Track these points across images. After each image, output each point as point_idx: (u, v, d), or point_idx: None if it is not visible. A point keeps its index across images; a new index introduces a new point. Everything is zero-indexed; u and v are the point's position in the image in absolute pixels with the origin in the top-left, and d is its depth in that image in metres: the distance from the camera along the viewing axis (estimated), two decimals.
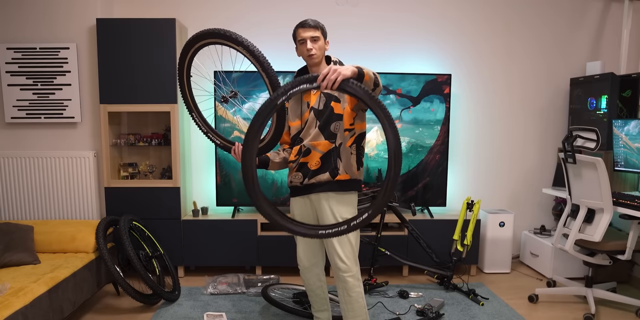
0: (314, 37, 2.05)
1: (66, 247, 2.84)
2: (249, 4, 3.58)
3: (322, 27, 2.09)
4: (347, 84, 1.76)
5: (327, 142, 2.09)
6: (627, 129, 3.02)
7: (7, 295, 2.08)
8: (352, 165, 2.13)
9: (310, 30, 2.05)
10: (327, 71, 1.73)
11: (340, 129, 2.09)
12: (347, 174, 2.12)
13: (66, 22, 3.30)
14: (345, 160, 2.11)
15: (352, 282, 2.14)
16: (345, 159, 2.11)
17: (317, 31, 2.06)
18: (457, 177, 3.82)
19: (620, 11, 3.71)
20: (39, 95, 3.32)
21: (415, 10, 3.65)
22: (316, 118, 2.11)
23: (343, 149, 2.11)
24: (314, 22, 2.07)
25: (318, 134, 2.10)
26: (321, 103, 2.11)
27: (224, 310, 2.85)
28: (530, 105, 3.80)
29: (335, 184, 2.12)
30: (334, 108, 2.09)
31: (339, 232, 1.84)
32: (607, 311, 2.88)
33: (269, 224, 3.52)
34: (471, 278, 3.47)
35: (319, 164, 2.11)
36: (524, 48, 3.74)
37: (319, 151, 2.10)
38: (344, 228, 1.83)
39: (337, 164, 2.10)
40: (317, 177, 2.11)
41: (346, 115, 2.09)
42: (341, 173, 2.10)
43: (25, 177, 3.33)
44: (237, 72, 3.40)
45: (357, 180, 2.18)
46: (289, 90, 1.76)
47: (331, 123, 2.09)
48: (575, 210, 2.89)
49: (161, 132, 3.51)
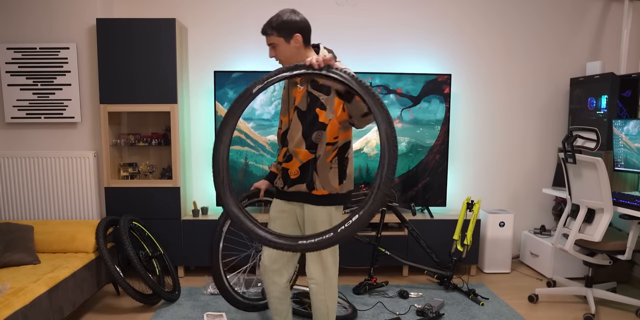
0: (271, 44, 1.91)
1: (66, 247, 2.84)
2: (248, 3, 3.58)
3: (277, 28, 1.87)
4: (332, 69, 1.66)
5: (307, 151, 1.97)
6: (627, 129, 3.02)
7: (7, 295, 2.08)
8: (331, 180, 1.98)
9: (267, 37, 1.92)
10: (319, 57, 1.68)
11: (323, 141, 1.94)
12: (325, 190, 1.98)
13: (66, 22, 3.30)
14: (322, 176, 1.97)
15: (314, 288, 2.07)
16: (323, 174, 1.97)
17: (272, 37, 1.89)
18: (457, 177, 3.82)
19: (620, 11, 3.71)
20: (39, 95, 3.32)
21: (416, 10, 3.65)
22: (300, 121, 1.98)
23: (321, 163, 1.96)
24: (267, 26, 1.90)
25: (301, 141, 1.97)
26: (305, 103, 1.96)
27: (224, 310, 2.85)
28: (530, 105, 3.80)
29: (313, 197, 2.00)
30: (318, 115, 1.94)
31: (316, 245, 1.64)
32: (607, 311, 2.88)
33: None
34: (471, 278, 3.47)
35: (297, 174, 2.00)
36: (524, 48, 3.74)
37: (299, 160, 1.99)
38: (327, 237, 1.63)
39: (314, 177, 1.97)
40: (296, 186, 2.01)
41: (331, 127, 1.94)
42: (317, 188, 1.98)
43: (25, 177, 3.33)
44: (237, 72, 3.40)
45: (338, 195, 2.01)
46: (267, 79, 1.68)
47: (314, 131, 1.95)
48: (575, 210, 2.89)
49: (161, 132, 3.51)
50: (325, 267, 2.05)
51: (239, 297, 2.62)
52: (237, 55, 3.61)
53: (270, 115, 3.44)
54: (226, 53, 3.61)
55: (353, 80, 1.65)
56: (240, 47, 3.60)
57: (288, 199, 2.08)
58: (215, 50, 3.60)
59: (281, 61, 1.96)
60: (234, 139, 3.44)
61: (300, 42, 1.91)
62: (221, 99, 3.42)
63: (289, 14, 1.89)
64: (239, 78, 3.41)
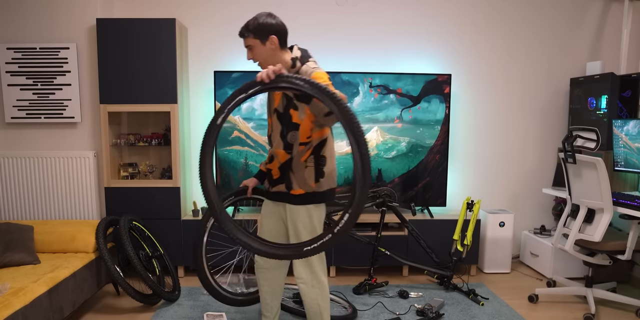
0: (248, 46, 1.97)
1: (66, 247, 2.84)
2: (248, 3, 3.58)
3: (254, 30, 1.93)
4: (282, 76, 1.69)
5: (284, 152, 2.02)
6: (627, 129, 3.02)
7: (7, 295, 2.08)
8: (307, 179, 2.01)
9: (244, 40, 1.97)
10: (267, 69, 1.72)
11: (296, 141, 1.99)
12: (302, 189, 2.02)
13: (66, 22, 3.30)
14: (298, 175, 2.01)
15: (303, 288, 2.10)
16: (299, 173, 2.01)
17: (248, 39, 1.95)
18: (457, 177, 3.82)
19: (620, 11, 3.71)
20: (39, 95, 3.32)
21: (416, 9, 3.65)
22: (279, 122, 2.03)
23: (296, 163, 2.01)
24: (244, 28, 1.95)
25: (280, 141, 2.03)
26: (282, 105, 2.01)
27: (224, 310, 2.85)
28: (530, 105, 3.80)
29: (291, 196, 2.04)
30: (292, 116, 1.99)
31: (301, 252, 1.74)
32: (607, 311, 2.88)
33: None
34: (471, 278, 3.47)
35: (278, 174, 2.06)
36: (524, 48, 3.74)
37: (279, 161, 2.05)
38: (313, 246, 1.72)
39: (291, 177, 2.02)
40: (277, 186, 2.07)
41: (303, 127, 1.98)
42: (295, 188, 2.02)
43: (25, 177, 3.33)
44: (237, 72, 3.40)
45: (316, 194, 2.03)
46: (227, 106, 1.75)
47: (289, 132, 2.00)
48: (575, 210, 2.89)
49: (161, 132, 3.51)
50: (311, 264, 2.08)
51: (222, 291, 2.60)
52: (237, 55, 3.61)
53: None
54: (226, 53, 3.61)
55: (307, 84, 1.66)
56: (240, 47, 3.60)
57: (273, 199, 2.14)
58: (215, 50, 3.60)
59: (259, 63, 2.01)
60: (234, 139, 3.44)
61: (276, 43, 1.96)
62: (221, 99, 3.43)
63: (265, 17, 1.94)
64: (239, 78, 3.41)
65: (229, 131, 3.45)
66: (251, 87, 1.73)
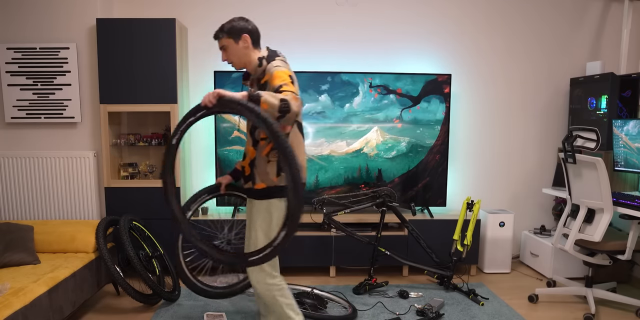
0: (222, 47, 2.07)
1: (66, 247, 2.84)
2: (248, 3, 3.58)
3: (227, 31, 2.04)
4: (223, 100, 1.80)
5: (253, 149, 2.11)
6: (627, 129, 3.02)
7: (7, 295, 2.08)
8: (269, 173, 2.07)
9: (219, 41, 2.07)
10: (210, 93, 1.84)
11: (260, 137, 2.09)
12: (263, 183, 2.07)
13: (66, 22, 3.30)
14: (260, 169, 2.08)
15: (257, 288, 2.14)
16: (260, 168, 2.08)
17: (222, 39, 2.05)
18: (457, 177, 3.82)
19: (620, 11, 3.71)
20: (39, 95, 3.32)
21: (416, 9, 3.65)
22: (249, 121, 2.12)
23: (258, 157, 2.08)
24: (218, 30, 2.05)
25: (249, 139, 2.14)
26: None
27: (223, 310, 2.85)
28: (530, 105, 3.80)
29: (255, 191, 2.11)
30: None
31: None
32: (607, 311, 2.88)
33: None
34: (471, 278, 3.47)
35: (248, 171, 2.14)
36: (525, 48, 3.74)
37: (249, 157, 2.14)
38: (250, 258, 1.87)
39: (254, 172, 2.10)
40: (248, 183, 2.16)
41: None
42: (257, 182, 2.09)
43: (25, 177, 3.33)
44: (237, 72, 3.40)
45: (277, 188, 2.08)
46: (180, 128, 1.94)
47: (256, 129, 2.09)
48: (575, 210, 2.89)
49: (161, 132, 3.51)
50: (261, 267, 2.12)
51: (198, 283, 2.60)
52: None
53: None
54: None
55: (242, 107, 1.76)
56: None
57: (247, 196, 2.24)
58: (215, 50, 3.60)
59: (234, 63, 2.10)
60: (234, 139, 3.44)
61: (249, 42, 2.06)
62: None
63: (239, 21, 2.07)
64: (239, 78, 3.40)
65: (229, 131, 3.45)
66: (199, 111, 1.90)
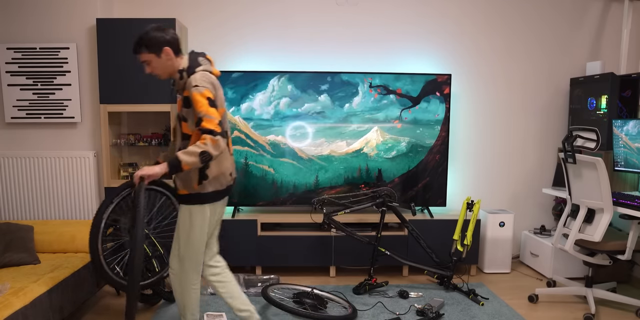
0: (143, 61, 2.05)
1: (66, 247, 2.84)
2: (248, 3, 3.58)
3: (147, 45, 2.00)
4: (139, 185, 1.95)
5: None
6: (627, 129, 3.02)
7: (7, 295, 2.08)
8: (192, 180, 2.08)
9: (139, 56, 2.04)
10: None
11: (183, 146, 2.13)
12: (185, 189, 2.11)
13: (66, 22, 3.30)
14: (180, 176, 2.10)
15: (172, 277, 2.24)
16: (181, 174, 2.10)
17: (144, 54, 2.02)
18: (457, 177, 3.82)
19: (620, 11, 3.71)
20: (39, 95, 3.32)
21: (416, 9, 3.65)
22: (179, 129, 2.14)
23: None
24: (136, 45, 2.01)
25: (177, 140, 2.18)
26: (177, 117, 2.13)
27: (224, 310, 2.85)
28: (531, 105, 3.80)
29: (178, 196, 2.15)
30: (182, 128, 2.09)
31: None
32: (607, 311, 2.88)
33: (269, 224, 3.53)
34: (471, 278, 3.47)
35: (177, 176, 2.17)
36: (525, 48, 3.74)
37: None
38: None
39: (174, 178, 2.14)
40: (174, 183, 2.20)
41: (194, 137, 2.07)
42: (179, 188, 2.12)
43: (25, 177, 3.33)
44: (237, 72, 3.40)
45: (199, 195, 2.11)
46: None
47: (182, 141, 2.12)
48: (575, 210, 2.89)
49: (161, 132, 3.51)
50: (181, 259, 2.19)
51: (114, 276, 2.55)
52: (237, 55, 3.61)
53: (270, 115, 3.44)
54: (226, 53, 3.61)
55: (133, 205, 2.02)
56: (240, 47, 3.61)
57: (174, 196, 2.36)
58: (215, 50, 3.60)
59: (159, 75, 2.09)
60: (234, 139, 3.44)
61: (171, 54, 2.04)
62: None
63: (155, 32, 2.01)
64: (239, 78, 3.41)
65: None
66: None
